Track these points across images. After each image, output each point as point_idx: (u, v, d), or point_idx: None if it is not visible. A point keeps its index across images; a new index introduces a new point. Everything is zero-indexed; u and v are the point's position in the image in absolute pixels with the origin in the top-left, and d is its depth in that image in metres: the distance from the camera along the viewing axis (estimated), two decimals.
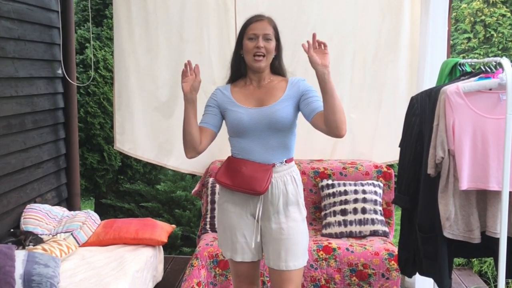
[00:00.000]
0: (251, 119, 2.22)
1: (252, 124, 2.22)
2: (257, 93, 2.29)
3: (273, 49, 2.27)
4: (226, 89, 2.35)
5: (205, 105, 2.38)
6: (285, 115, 2.22)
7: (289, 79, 2.33)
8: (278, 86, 2.30)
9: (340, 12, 3.79)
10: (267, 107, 2.24)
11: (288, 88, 2.28)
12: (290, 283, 2.25)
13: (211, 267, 3.18)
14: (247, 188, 2.20)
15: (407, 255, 2.60)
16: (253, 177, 2.19)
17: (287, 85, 2.30)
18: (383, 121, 3.88)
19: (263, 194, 2.21)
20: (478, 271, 4.55)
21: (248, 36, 2.25)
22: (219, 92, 2.36)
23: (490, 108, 2.24)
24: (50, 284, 2.60)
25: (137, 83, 3.99)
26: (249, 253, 2.30)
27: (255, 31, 2.24)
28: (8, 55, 3.34)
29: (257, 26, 2.25)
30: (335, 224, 3.48)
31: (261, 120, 2.22)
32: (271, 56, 2.28)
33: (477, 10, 6.74)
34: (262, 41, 2.22)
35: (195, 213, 5.43)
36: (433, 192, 2.33)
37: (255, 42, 2.23)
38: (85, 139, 5.55)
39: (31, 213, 3.42)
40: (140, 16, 3.91)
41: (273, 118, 2.21)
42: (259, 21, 2.26)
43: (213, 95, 2.37)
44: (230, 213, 2.30)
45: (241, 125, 2.23)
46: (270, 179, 2.21)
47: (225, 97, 2.32)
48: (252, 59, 2.24)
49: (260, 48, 2.22)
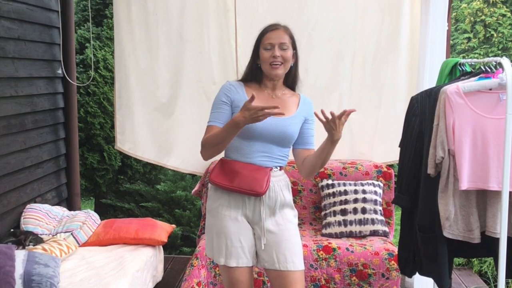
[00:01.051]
0: (263, 126, 2.18)
1: (263, 131, 2.20)
2: (272, 102, 2.25)
3: (290, 57, 2.25)
4: (240, 88, 2.28)
5: (218, 100, 2.27)
6: (295, 131, 2.26)
7: (300, 95, 2.34)
8: (291, 101, 2.30)
9: (340, 12, 3.79)
10: (281, 119, 2.21)
11: (300, 105, 2.30)
12: (299, 284, 2.23)
13: (211, 267, 3.18)
14: (247, 188, 2.17)
15: (407, 255, 2.60)
16: (253, 178, 2.18)
17: (299, 101, 2.31)
18: (383, 121, 3.88)
19: (262, 195, 2.19)
20: (478, 271, 4.56)
21: (264, 46, 2.23)
22: (232, 88, 2.27)
23: (490, 108, 2.24)
24: (50, 284, 2.60)
25: (137, 83, 3.99)
26: (244, 258, 2.24)
27: (271, 40, 2.22)
28: (8, 55, 3.34)
29: (273, 35, 2.23)
30: (335, 224, 3.48)
31: (274, 130, 2.21)
32: (289, 64, 2.26)
33: (477, 10, 6.75)
34: (279, 50, 2.21)
35: (195, 213, 5.43)
36: (433, 192, 2.33)
37: (271, 52, 2.21)
38: (85, 139, 5.55)
39: (31, 213, 3.42)
40: (140, 16, 3.91)
41: (285, 131, 2.22)
42: (275, 30, 2.24)
43: (226, 90, 2.27)
44: (224, 217, 2.24)
45: (251, 129, 2.18)
46: (269, 181, 2.21)
47: (239, 96, 2.25)
48: (270, 67, 2.22)
49: (277, 58, 2.20)
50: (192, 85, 3.95)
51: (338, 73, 3.86)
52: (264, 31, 2.27)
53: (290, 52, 2.25)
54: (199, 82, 3.93)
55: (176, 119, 3.99)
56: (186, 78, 3.95)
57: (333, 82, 3.88)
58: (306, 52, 3.83)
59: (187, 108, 3.96)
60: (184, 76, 3.95)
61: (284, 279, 2.22)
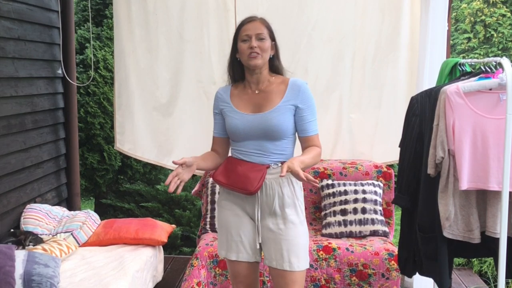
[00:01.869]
0: (245, 125, 2.22)
1: (248, 130, 2.22)
2: (255, 98, 2.27)
3: (268, 48, 2.24)
4: (226, 92, 2.34)
5: (213, 110, 2.39)
6: (280, 123, 2.20)
7: (289, 80, 2.28)
8: (276, 90, 2.26)
9: (340, 12, 3.79)
10: (262, 114, 2.22)
11: (287, 93, 2.24)
12: (295, 285, 2.23)
13: (211, 267, 3.18)
14: (239, 187, 2.21)
15: (407, 255, 2.60)
16: (246, 177, 2.20)
17: (286, 88, 2.25)
18: (383, 121, 3.88)
19: (254, 194, 2.21)
20: (478, 271, 4.56)
21: (241, 38, 2.24)
22: (219, 95, 2.36)
23: (490, 108, 2.24)
24: (50, 284, 2.60)
25: (137, 83, 3.99)
26: (244, 253, 2.28)
27: (247, 32, 2.22)
28: (8, 55, 3.34)
29: (249, 27, 2.23)
30: (335, 224, 3.48)
31: (256, 126, 2.21)
32: (267, 55, 2.24)
33: (477, 10, 6.75)
34: (256, 41, 2.20)
35: (195, 213, 5.43)
36: (433, 192, 2.33)
37: (248, 43, 2.21)
38: (85, 139, 5.55)
39: (31, 213, 3.42)
40: (140, 16, 3.91)
41: (268, 125, 2.20)
42: (251, 22, 2.25)
43: (215, 100, 2.37)
44: (226, 211, 2.31)
45: (236, 131, 2.25)
46: (263, 179, 2.20)
47: (223, 101, 2.32)
48: (248, 59, 2.22)
49: (254, 48, 2.20)
50: (192, 85, 3.95)
51: (338, 73, 3.86)
52: (241, 24, 2.28)
53: (268, 42, 2.24)
54: (199, 82, 3.94)
55: (176, 119, 3.99)
56: (186, 78, 3.95)
57: (333, 82, 3.88)
58: (306, 52, 3.83)
59: (187, 108, 3.96)
60: (184, 76, 3.95)
61: (282, 278, 2.24)
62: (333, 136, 3.93)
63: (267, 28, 2.25)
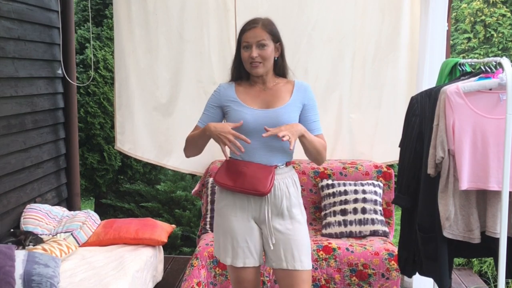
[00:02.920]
0: (255, 120, 2.20)
1: (257, 125, 2.19)
2: (264, 94, 2.27)
3: (270, 54, 2.23)
4: (230, 88, 2.31)
5: (207, 102, 2.34)
6: (291, 119, 2.21)
7: (295, 82, 2.30)
8: (284, 89, 2.27)
9: (340, 12, 3.79)
10: (273, 110, 2.22)
11: (295, 92, 2.26)
12: (305, 284, 2.22)
13: (211, 267, 3.18)
14: (250, 189, 2.16)
15: (407, 255, 2.60)
16: (256, 178, 2.16)
17: (293, 88, 2.28)
18: (383, 121, 3.88)
19: (265, 195, 2.18)
20: (478, 271, 4.56)
21: (243, 46, 2.24)
22: (222, 89, 2.31)
23: (490, 108, 2.24)
24: (50, 284, 2.60)
25: (137, 83, 3.99)
26: (251, 258, 2.25)
27: (247, 39, 2.21)
28: (8, 55, 3.34)
29: (250, 35, 2.21)
30: (335, 224, 3.48)
31: (266, 122, 2.18)
32: (269, 62, 2.24)
33: (477, 10, 6.75)
34: (256, 50, 2.19)
35: (195, 213, 5.43)
36: (433, 192, 2.33)
37: (249, 52, 2.21)
38: (85, 139, 5.55)
39: (31, 213, 3.42)
40: (140, 16, 3.91)
41: (279, 121, 2.19)
42: (251, 30, 2.22)
43: (216, 93, 2.32)
44: (230, 217, 2.25)
45: (245, 126, 2.20)
46: (273, 180, 2.19)
47: (229, 96, 2.28)
48: (250, 67, 2.23)
49: (254, 58, 2.20)
50: (192, 85, 3.95)
51: (338, 73, 3.86)
52: (242, 30, 2.26)
53: (271, 48, 2.23)
54: (199, 82, 3.94)
55: (176, 119, 3.99)
56: (186, 78, 3.95)
57: (333, 82, 3.88)
58: (306, 52, 3.84)
59: (187, 108, 3.95)
60: (184, 76, 3.95)
61: (292, 279, 2.22)
62: (333, 136, 3.92)
63: (268, 33, 2.23)
